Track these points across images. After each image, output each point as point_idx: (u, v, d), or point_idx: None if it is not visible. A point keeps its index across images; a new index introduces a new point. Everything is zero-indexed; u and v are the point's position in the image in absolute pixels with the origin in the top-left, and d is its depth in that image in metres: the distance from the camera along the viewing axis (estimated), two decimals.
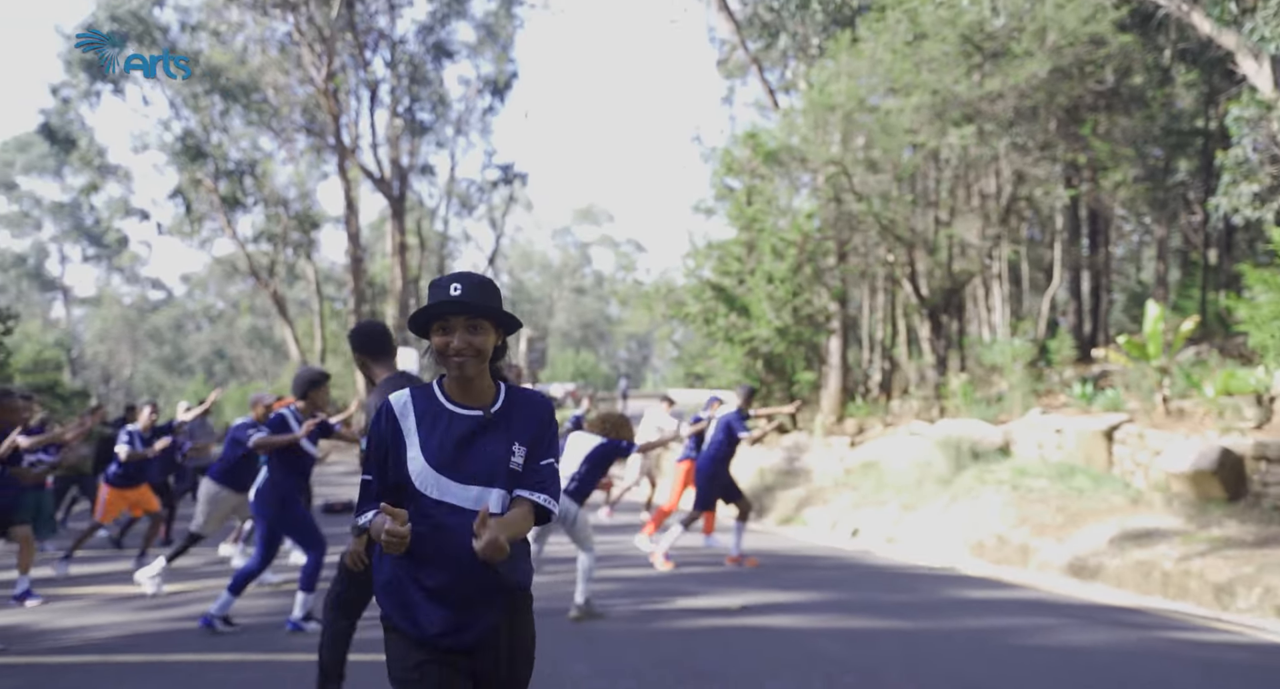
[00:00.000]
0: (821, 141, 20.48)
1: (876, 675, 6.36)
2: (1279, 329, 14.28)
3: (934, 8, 20.12)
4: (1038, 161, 21.35)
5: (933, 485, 15.81)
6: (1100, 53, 20.31)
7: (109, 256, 70.91)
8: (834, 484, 18.33)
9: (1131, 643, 7.48)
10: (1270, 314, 14.43)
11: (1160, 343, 15.09)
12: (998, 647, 7.33)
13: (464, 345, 3.07)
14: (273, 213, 39.95)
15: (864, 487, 17.41)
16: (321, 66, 36.43)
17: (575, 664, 6.56)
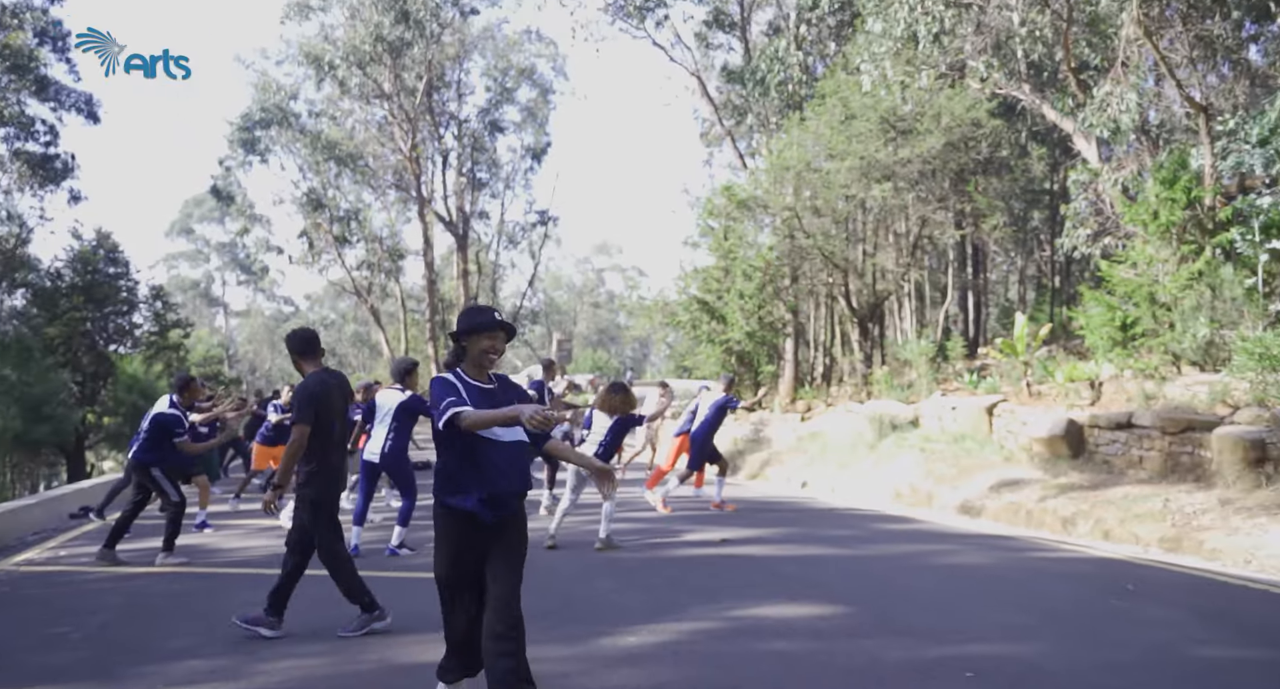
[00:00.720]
0: (779, 193, 20.58)
1: (825, 587, 6.46)
2: (1105, 334, 14.38)
3: (860, 97, 20.22)
4: (936, 210, 21.45)
5: (862, 450, 15.88)
6: (978, 132, 20.45)
7: (255, 281, 72.85)
8: (788, 449, 18.39)
9: (1007, 560, 7.62)
10: (1100, 322, 14.51)
11: (1024, 344, 15.18)
12: (913, 565, 7.43)
13: (497, 348, 3.88)
14: (371, 247, 40.05)
15: (811, 450, 17.47)
16: (407, 140, 36.55)
17: (601, 581, 6.65)
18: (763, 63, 23.60)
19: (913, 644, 4.78)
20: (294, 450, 5.36)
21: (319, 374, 5.54)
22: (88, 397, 27.89)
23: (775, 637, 4.97)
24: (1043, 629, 5.18)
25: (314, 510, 5.45)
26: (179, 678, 4.55)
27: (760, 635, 4.99)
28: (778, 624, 5.22)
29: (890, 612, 5.55)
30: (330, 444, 5.50)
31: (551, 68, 41.02)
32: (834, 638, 4.91)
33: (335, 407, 5.54)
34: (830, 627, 5.18)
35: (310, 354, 5.64)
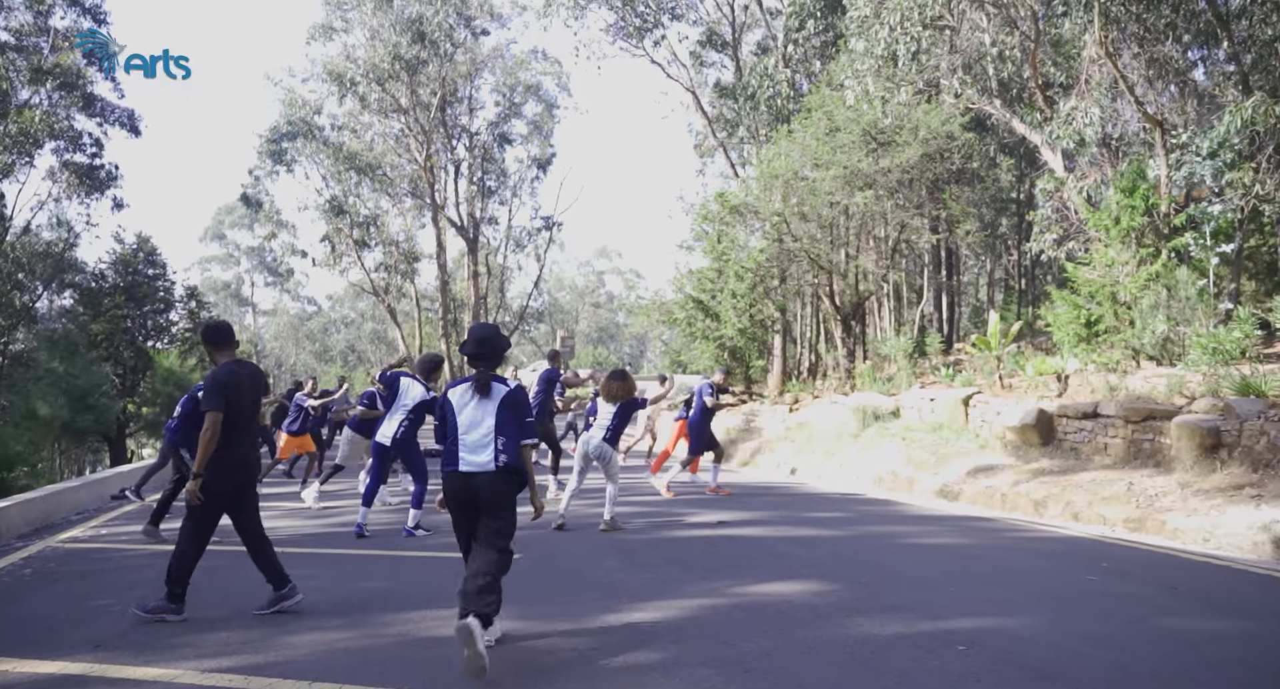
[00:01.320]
0: (768, 200, 20.44)
1: (819, 565, 6.31)
2: (1072, 330, 14.28)
3: (844, 111, 20.11)
4: (913, 216, 21.32)
5: (847, 439, 15.76)
6: (952, 144, 20.34)
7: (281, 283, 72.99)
8: (778, 438, 18.27)
9: (987, 540, 7.50)
10: (1066, 320, 14.43)
11: (997, 340, 15.07)
12: (900, 545, 7.31)
13: None
14: (388, 251, 39.86)
15: (799, 440, 17.35)
16: (422, 151, 36.37)
17: (607, 561, 6.52)
18: (753, 79, 23.46)
19: (907, 619, 4.67)
20: (208, 438, 5.09)
21: (230, 365, 5.33)
22: (128, 388, 27.75)
23: (775, 612, 4.85)
24: (1026, 604, 5.07)
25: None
26: (211, 650, 4.44)
27: (761, 611, 4.87)
28: (777, 600, 5.09)
29: (883, 589, 5.43)
30: (236, 434, 5.22)
31: (556, 85, 40.96)
32: (831, 614, 4.79)
33: (244, 397, 5.28)
34: (826, 603, 5.06)
35: (223, 345, 5.44)
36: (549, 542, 7.37)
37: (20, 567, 6.90)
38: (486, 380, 4.43)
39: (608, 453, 7.91)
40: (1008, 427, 12.26)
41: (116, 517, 10.06)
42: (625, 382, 8.11)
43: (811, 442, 16.80)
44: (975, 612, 4.86)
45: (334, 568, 6.56)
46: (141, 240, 29.15)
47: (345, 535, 7.96)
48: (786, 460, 16.48)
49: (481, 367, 4.51)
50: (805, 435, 17.42)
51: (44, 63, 24.05)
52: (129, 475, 12.75)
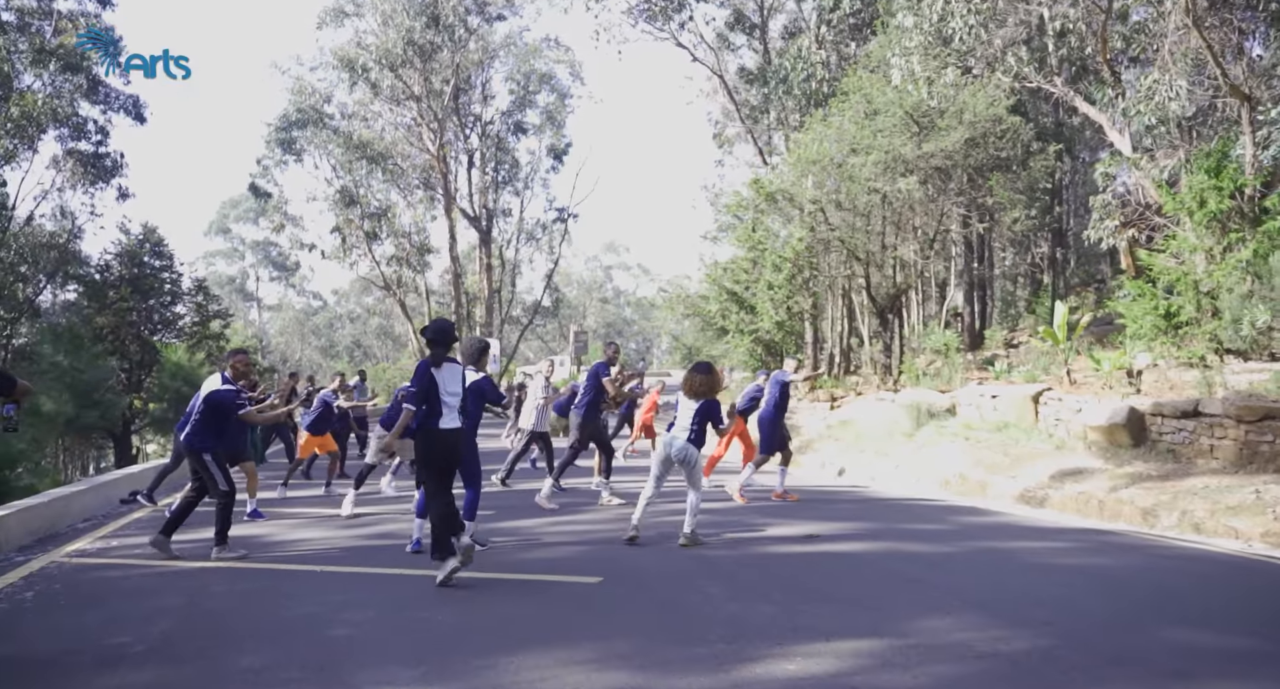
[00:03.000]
0: (804, 186, 19.49)
1: (965, 594, 5.25)
2: (1149, 322, 13.35)
3: (885, 93, 19.17)
4: (956, 204, 20.36)
5: (899, 438, 14.85)
6: (999, 128, 19.39)
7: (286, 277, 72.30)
8: (819, 437, 17.36)
9: (1136, 561, 6.47)
10: (1142, 311, 13.50)
11: (1065, 333, 14.13)
12: (1035, 566, 6.25)
13: None
14: (399, 243, 38.90)
15: (844, 438, 16.43)
16: (435, 140, 35.43)
17: (706, 586, 5.53)
18: (786, 62, 22.45)
19: (1149, 680, 3.69)
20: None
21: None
22: (134, 384, 26.87)
23: (969, 662, 3.86)
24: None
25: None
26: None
27: (945, 660, 3.89)
28: (958, 646, 4.08)
29: (1074, 630, 4.37)
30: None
31: (569, 73, 39.89)
32: (1043, 669, 3.78)
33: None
34: (1018, 650, 4.04)
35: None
36: (625, 560, 6.43)
37: (20, 589, 5.98)
38: (442, 360, 5.93)
39: (692, 456, 6.98)
40: (1091, 426, 11.33)
41: (127, 525, 9.14)
42: (709, 375, 7.16)
43: (859, 440, 15.88)
44: (1228, 670, 3.88)
45: (387, 592, 5.63)
46: (148, 231, 28.25)
47: (389, 550, 7.04)
48: (832, 460, 15.53)
49: (440, 350, 5.92)
50: (851, 434, 16.50)
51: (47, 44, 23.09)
52: (139, 477, 11.85)
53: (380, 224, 37.36)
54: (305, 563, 6.63)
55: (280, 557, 6.96)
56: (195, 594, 5.66)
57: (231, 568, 6.49)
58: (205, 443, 6.87)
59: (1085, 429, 11.45)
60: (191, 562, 6.73)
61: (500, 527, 7.91)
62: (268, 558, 6.87)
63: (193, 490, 7.02)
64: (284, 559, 6.85)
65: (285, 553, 7.16)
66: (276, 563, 6.68)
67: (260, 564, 6.61)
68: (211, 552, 6.82)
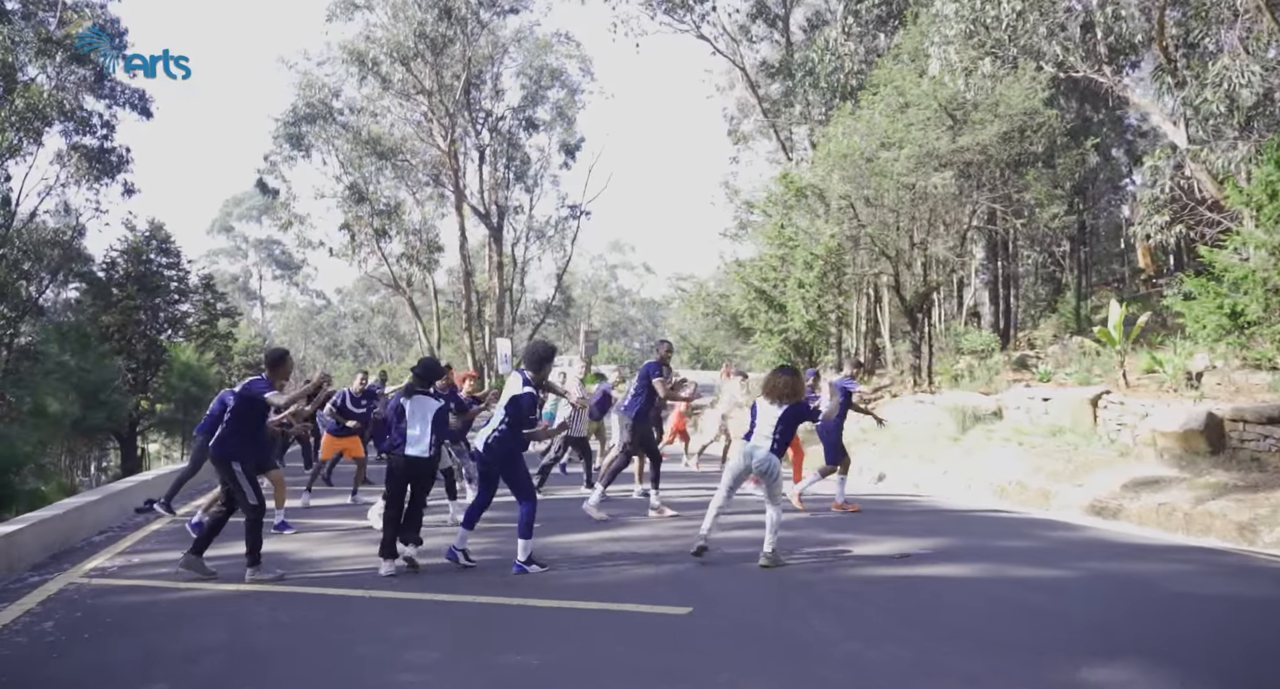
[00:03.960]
0: (834, 183, 18.87)
1: (1114, 633, 4.58)
2: (1213, 322, 12.73)
3: (917, 85, 18.56)
4: (993, 200, 19.76)
5: (943, 442, 14.23)
6: (1035, 121, 18.76)
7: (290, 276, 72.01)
8: (853, 440, 16.44)
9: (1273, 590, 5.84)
10: (1204, 310, 12.88)
11: (1121, 333, 13.51)
12: (1180, 596, 5.47)
13: None
14: (409, 241, 38.31)
15: (881, 442, 15.79)
16: (446, 136, 34.86)
17: (808, 616, 4.92)
18: (813, 53, 21.83)
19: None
20: None
21: None
22: (140, 384, 26.28)
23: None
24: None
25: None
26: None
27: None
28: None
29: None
30: None
31: (580, 69, 39.29)
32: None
33: None
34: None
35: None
36: (709, 585, 5.83)
37: (39, 617, 5.39)
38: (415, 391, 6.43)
39: (774, 468, 6.38)
40: (1161, 432, 10.71)
41: (146, 538, 8.56)
42: (794, 378, 6.57)
43: (898, 444, 15.26)
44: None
45: (451, 624, 5.04)
46: (154, 227, 27.67)
47: (438, 570, 6.45)
48: (870, 466, 14.90)
49: (420, 383, 6.49)
50: (888, 437, 15.85)
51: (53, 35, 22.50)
52: (154, 485, 11.26)
53: (390, 221, 36.75)
54: (350, 586, 6.04)
55: (319, 578, 6.38)
56: (236, 626, 5.07)
57: (270, 592, 5.91)
58: (235, 451, 6.27)
59: (1154, 435, 10.84)
60: (225, 584, 6.15)
61: (551, 542, 7.31)
62: (306, 579, 6.29)
63: (223, 504, 6.42)
64: (324, 581, 6.26)
65: (323, 573, 6.58)
66: (317, 585, 6.09)
67: (300, 587, 6.03)
68: (245, 573, 6.22)
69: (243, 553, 6.52)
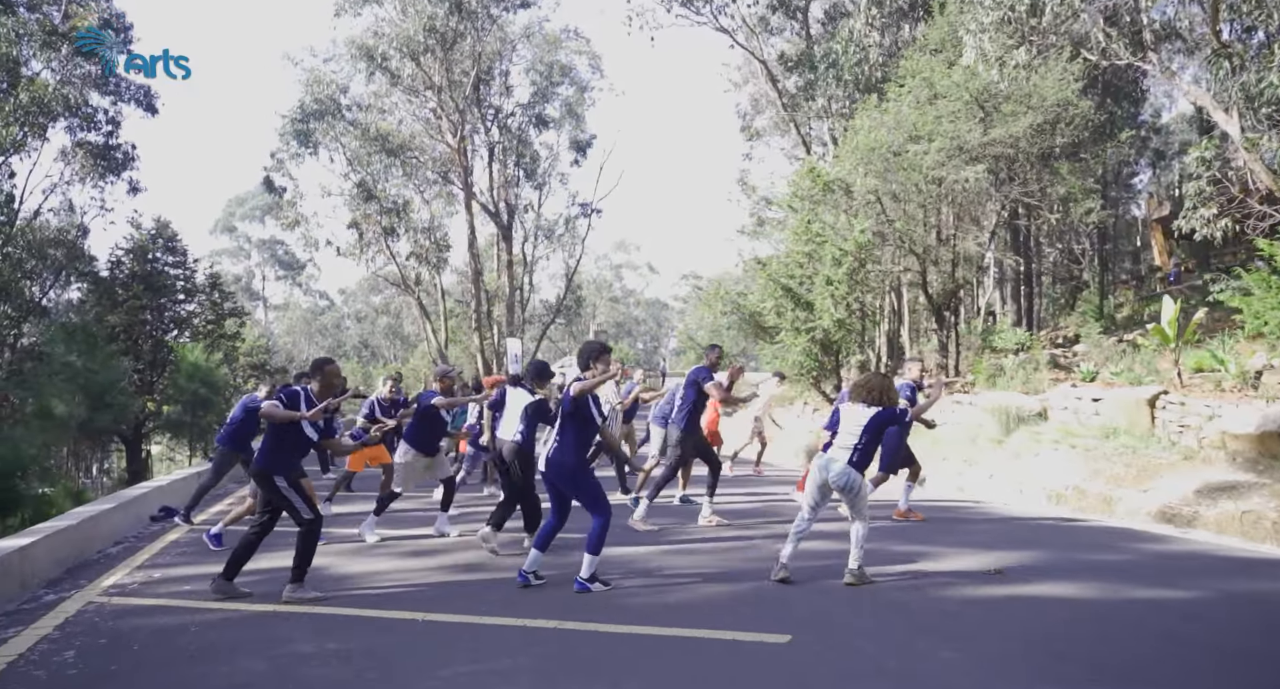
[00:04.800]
0: (863, 177, 18.33)
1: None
2: (1275, 318, 12.22)
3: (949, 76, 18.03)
4: (1024, 194, 19.22)
5: (986, 444, 13.67)
6: (1071, 113, 18.23)
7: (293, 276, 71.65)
8: None
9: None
10: (1266, 306, 12.36)
11: (1176, 330, 12.95)
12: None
13: None
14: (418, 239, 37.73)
15: (918, 444, 15.11)
16: (455, 132, 34.32)
17: (938, 648, 4.37)
18: (837, 45, 21.26)
19: None
20: None
21: None
22: (146, 385, 25.74)
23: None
24: None
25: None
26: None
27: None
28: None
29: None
30: None
31: (589, 66, 38.74)
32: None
33: None
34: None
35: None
36: (799, 606, 5.29)
37: (58, 645, 4.85)
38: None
39: (855, 482, 5.82)
40: (1232, 434, 10.16)
41: (165, 549, 8.03)
42: (883, 381, 6.00)
43: (937, 446, 14.67)
44: None
45: (523, 658, 4.48)
46: (161, 225, 27.11)
47: (489, 588, 5.92)
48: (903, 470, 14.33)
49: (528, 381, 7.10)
50: (926, 439, 15.21)
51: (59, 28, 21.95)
52: (169, 492, 10.75)
53: (398, 219, 36.17)
54: (396, 606, 5.50)
55: (361, 597, 5.83)
56: (280, 656, 4.53)
57: (311, 614, 5.37)
58: (277, 464, 5.76)
59: (1224, 437, 10.29)
60: (260, 604, 5.62)
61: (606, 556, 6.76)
62: (346, 599, 5.75)
63: (258, 524, 5.88)
64: (368, 601, 5.72)
65: (364, 591, 6.04)
66: (361, 606, 5.55)
67: (343, 608, 5.49)
68: (285, 589, 5.69)
69: (274, 567, 5.99)
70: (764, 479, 13.51)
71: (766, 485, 12.63)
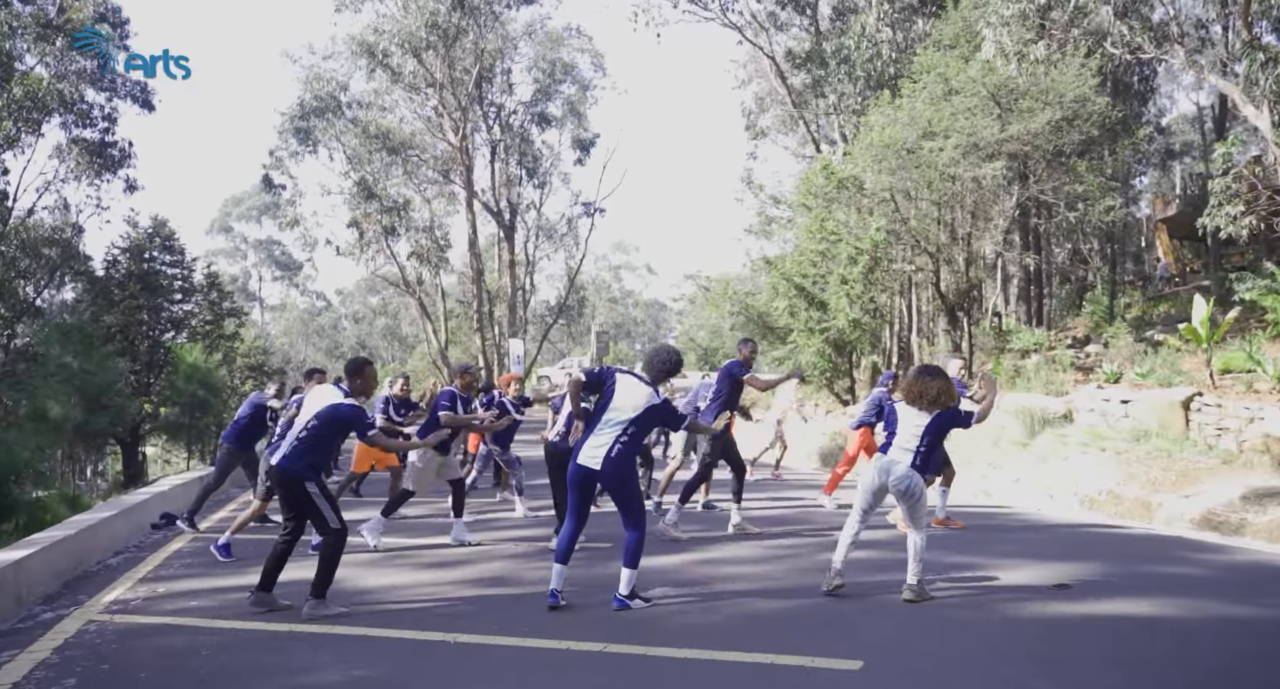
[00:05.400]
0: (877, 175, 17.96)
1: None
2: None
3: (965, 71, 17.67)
4: (1041, 191, 18.87)
5: (1010, 447, 13.30)
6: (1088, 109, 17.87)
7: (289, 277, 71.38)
8: None
9: None
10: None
11: (1208, 330, 12.60)
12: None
13: None
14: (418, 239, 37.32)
15: None
16: (457, 130, 33.94)
17: (1028, 678, 3.97)
18: (849, 40, 20.90)
19: None
20: None
21: None
22: (143, 386, 25.29)
23: None
24: None
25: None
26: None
27: None
28: None
29: None
30: None
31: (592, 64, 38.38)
32: None
33: None
34: None
35: None
36: (865, 627, 4.90)
37: (58, 672, 4.45)
38: None
39: (917, 487, 5.42)
40: (1274, 438, 9.82)
41: (168, 560, 7.62)
42: (945, 380, 5.57)
43: (958, 449, 14.27)
44: None
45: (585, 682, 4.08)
46: (157, 224, 26.69)
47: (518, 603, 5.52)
48: None
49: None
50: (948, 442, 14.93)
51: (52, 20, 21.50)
52: (170, 497, 10.33)
53: (398, 219, 35.74)
54: (423, 626, 5.10)
55: (384, 615, 5.43)
56: (303, 687, 4.13)
57: (332, 635, 4.97)
58: (309, 468, 5.38)
59: (1267, 441, 9.95)
60: (277, 622, 5.22)
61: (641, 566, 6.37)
62: (368, 617, 5.34)
63: (287, 531, 5.49)
64: (391, 619, 5.31)
65: (386, 607, 5.64)
66: (384, 626, 5.14)
67: (365, 628, 5.08)
68: (305, 606, 5.29)
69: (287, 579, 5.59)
70: (784, 483, 13.12)
71: (788, 490, 12.25)
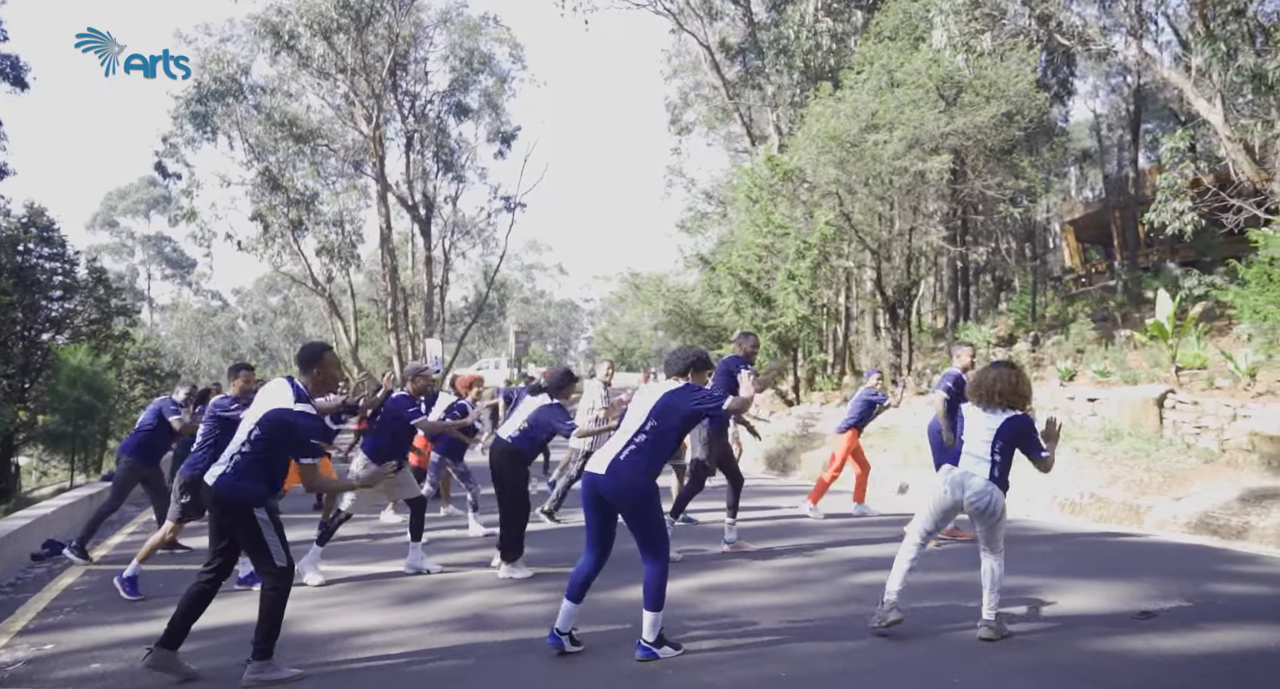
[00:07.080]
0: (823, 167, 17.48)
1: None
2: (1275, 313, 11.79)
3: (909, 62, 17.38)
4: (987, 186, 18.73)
5: None
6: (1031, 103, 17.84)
7: (181, 275, 67.78)
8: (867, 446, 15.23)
9: None
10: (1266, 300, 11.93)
11: (1173, 326, 12.42)
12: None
13: None
14: (327, 233, 35.41)
15: (891, 448, 14.40)
16: (370, 119, 32.24)
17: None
18: (789, 31, 20.40)
19: None
20: None
21: None
22: (16, 392, 22.93)
23: None
24: None
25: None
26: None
27: None
28: None
29: None
30: None
31: (510, 56, 37.18)
32: None
33: None
34: None
35: None
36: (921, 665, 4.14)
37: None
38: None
39: (997, 504, 4.61)
40: (1266, 436, 9.55)
41: (58, 603, 6.29)
42: (1016, 374, 4.77)
43: (918, 452, 13.83)
44: None
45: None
46: (34, 212, 24.28)
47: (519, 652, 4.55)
48: (887, 476, 13.46)
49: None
50: (900, 444, 14.49)
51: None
52: (54, 521, 8.88)
53: (306, 212, 33.76)
54: None
55: (348, 676, 4.36)
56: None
57: None
58: (257, 494, 4.23)
59: (1253, 439, 9.68)
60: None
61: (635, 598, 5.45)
62: (329, 678, 4.27)
63: (210, 568, 4.35)
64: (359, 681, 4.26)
65: (348, 663, 4.56)
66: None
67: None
68: (246, 671, 4.18)
69: (221, 624, 4.48)
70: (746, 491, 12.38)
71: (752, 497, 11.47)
